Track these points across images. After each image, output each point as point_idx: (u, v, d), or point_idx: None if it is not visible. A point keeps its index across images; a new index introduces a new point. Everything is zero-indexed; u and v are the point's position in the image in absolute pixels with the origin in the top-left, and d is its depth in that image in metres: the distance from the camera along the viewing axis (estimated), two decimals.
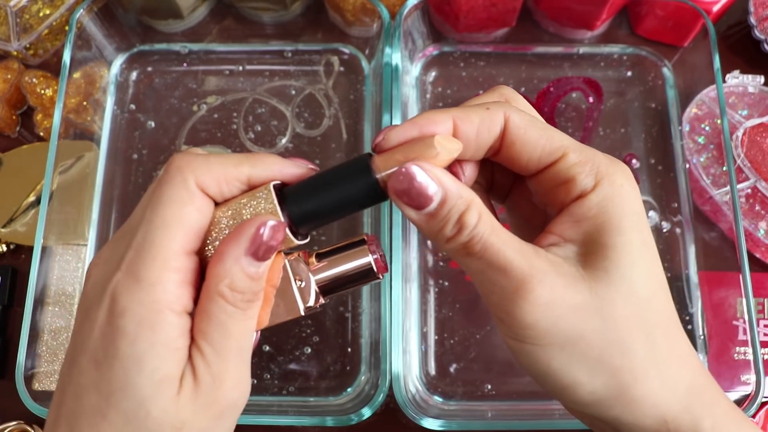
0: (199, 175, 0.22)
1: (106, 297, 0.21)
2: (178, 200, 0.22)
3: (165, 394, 0.21)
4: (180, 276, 0.22)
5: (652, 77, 0.54)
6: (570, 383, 0.22)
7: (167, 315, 0.21)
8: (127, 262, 0.21)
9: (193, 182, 0.22)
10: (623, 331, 0.22)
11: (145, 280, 0.21)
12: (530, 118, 0.23)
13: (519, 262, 0.21)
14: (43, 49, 0.55)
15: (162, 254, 0.21)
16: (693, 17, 0.50)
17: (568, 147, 0.23)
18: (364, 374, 0.45)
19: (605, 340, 0.22)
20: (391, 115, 0.46)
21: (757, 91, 0.52)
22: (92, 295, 0.22)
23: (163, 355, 0.21)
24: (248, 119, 0.52)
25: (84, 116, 0.50)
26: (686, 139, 0.51)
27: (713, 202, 0.48)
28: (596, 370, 0.22)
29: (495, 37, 0.54)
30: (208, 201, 0.23)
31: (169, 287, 0.21)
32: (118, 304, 0.21)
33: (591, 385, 0.22)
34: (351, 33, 0.54)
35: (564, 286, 0.21)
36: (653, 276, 0.23)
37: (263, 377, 0.46)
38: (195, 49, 0.54)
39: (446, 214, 0.22)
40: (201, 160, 0.23)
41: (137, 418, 0.21)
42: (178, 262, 0.22)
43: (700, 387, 0.23)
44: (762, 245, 0.49)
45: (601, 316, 0.22)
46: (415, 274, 0.48)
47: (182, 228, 0.22)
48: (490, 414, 0.44)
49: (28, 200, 0.50)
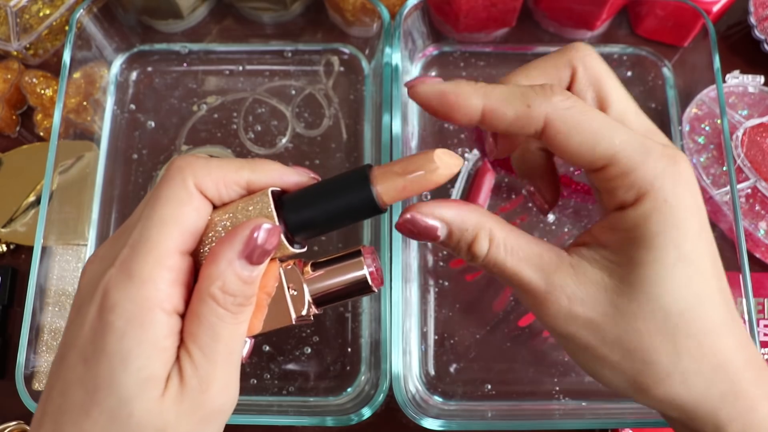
0: (198, 177, 0.22)
1: (98, 293, 0.21)
2: (176, 200, 0.22)
3: (149, 394, 0.21)
4: (173, 275, 0.22)
5: (652, 77, 0.54)
6: (595, 376, 0.24)
7: (157, 313, 0.21)
8: (121, 259, 0.21)
9: (193, 183, 0.22)
10: (645, 341, 0.22)
11: (137, 277, 0.21)
12: (576, 121, 0.22)
13: (536, 282, 0.23)
14: (43, 49, 0.55)
15: (156, 252, 0.21)
16: (693, 17, 0.50)
17: (612, 156, 0.22)
18: (364, 374, 0.45)
19: (624, 348, 0.22)
20: (391, 115, 0.46)
21: (757, 91, 0.52)
22: (85, 292, 0.22)
23: (149, 354, 0.21)
24: (248, 119, 0.52)
25: (84, 116, 0.50)
26: (686, 139, 0.51)
27: (713, 202, 0.48)
28: (617, 373, 0.23)
29: (495, 37, 0.54)
30: (207, 203, 0.23)
31: (161, 285, 0.21)
32: (109, 300, 0.21)
33: (614, 383, 0.23)
34: (351, 33, 0.54)
35: (582, 302, 0.22)
36: (691, 289, 0.22)
37: (263, 377, 0.46)
38: (195, 49, 0.54)
39: (456, 244, 0.23)
40: (202, 163, 0.23)
41: (120, 417, 0.21)
42: (172, 261, 0.22)
43: (739, 393, 0.23)
44: (762, 245, 0.49)
45: (620, 327, 0.22)
46: (415, 274, 0.48)
47: (178, 227, 0.22)
48: (490, 414, 0.44)
49: (28, 200, 0.50)
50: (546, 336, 0.46)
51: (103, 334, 0.21)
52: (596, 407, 0.45)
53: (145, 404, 0.21)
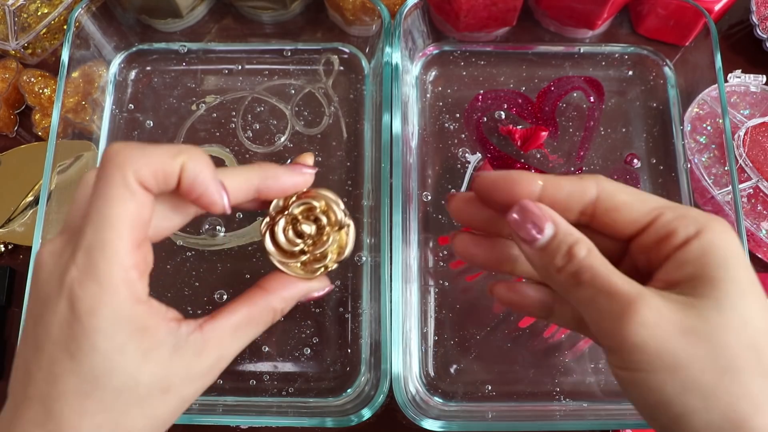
0: (138, 171, 0.23)
1: (63, 291, 0.22)
2: (121, 199, 0.22)
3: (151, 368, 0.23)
4: (137, 271, 0.23)
5: (654, 76, 0.54)
6: (684, 411, 0.21)
7: (137, 308, 0.23)
8: (82, 263, 0.22)
9: (133, 179, 0.23)
10: (738, 359, 0.21)
11: (107, 283, 0.22)
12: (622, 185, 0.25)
13: (627, 287, 0.22)
14: (42, 48, 0.55)
15: (117, 257, 0.22)
16: (694, 16, 0.50)
17: (664, 206, 0.24)
18: (364, 375, 0.45)
19: (719, 366, 0.21)
20: (391, 115, 0.46)
21: (759, 91, 0.52)
22: (48, 287, 0.23)
23: (142, 339, 0.23)
24: (247, 118, 0.52)
25: (82, 116, 0.50)
26: (687, 139, 0.50)
27: (715, 202, 0.48)
28: (712, 398, 0.21)
29: (495, 36, 0.54)
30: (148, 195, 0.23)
31: (132, 286, 0.23)
32: (82, 304, 0.22)
33: (707, 413, 0.21)
34: (351, 32, 0.54)
35: (671, 310, 0.22)
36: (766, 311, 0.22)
37: (262, 378, 0.45)
38: (194, 48, 0.54)
39: (557, 245, 0.24)
40: (138, 154, 0.23)
41: (126, 391, 0.23)
42: (132, 260, 0.23)
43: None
44: (764, 245, 0.49)
45: (712, 341, 0.21)
46: (415, 274, 0.47)
47: (127, 226, 0.23)
48: (490, 415, 0.44)
49: (26, 200, 0.50)
50: (546, 337, 0.46)
51: (88, 335, 0.22)
52: (597, 408, 0.45)
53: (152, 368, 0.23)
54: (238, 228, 0.48)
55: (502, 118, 0.52)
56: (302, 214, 0.28)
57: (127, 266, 0.23)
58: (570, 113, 0.52)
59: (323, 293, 0.29)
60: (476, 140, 0.51)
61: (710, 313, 0.22)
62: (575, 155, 0.50)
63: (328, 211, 0.28)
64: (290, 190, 0.28)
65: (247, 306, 0.26)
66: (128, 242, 0.23)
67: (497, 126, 0.51)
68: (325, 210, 0.28)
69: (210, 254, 0.48)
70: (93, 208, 0.23)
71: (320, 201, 0.28)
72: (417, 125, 0.52)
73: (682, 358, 0.21)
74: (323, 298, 0.29)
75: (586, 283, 0.23)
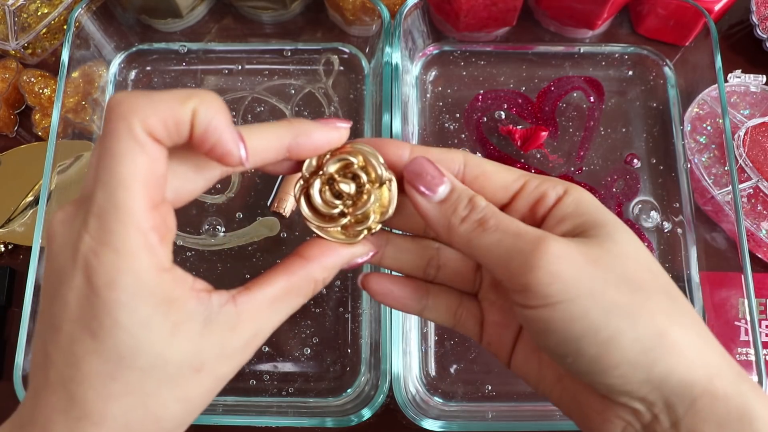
0: (146, 120, 0.20)
1: (78, 263, 0.20)
2: (130, 154, 0.20)
3: (180, 345, 0.21)
4: (157, 236, 0.21)
5: (654, 76, 0.54)
6: (612, 334, 0.22)
7: (161, 276, 0.20)
8: (95, 229, 0.20)
9: (141, 130, 0.20)
10: (642, 281, 0.23)
11: (124, 251, 0.20)
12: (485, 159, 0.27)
13: (532, 229, 0.23)
14: (42, 48, 0.55)
15: (132, 220, 0.20)
16: (694, 16, 0.50)
17: (527, 175, 0.26)
18: (364, 375, 0.45)
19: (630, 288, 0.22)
20: (391, 115, 0.46)
21: (759, 91, 0.52)
22: (62, 259, 0.21)
23: (169, 311, 0.21)
24: (247, 118, 0.52)
25: (82, 116, 0.50)
26: (687, 139, 0.50)
27: (715, 202, 0.48)
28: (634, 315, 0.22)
29: (495, 36, 0.54)
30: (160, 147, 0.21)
31: (154, 251, 0.21)
32: (100, 276, 0.20)
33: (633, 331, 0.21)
34: (351, 32, 0.54)
35: (577, 243, 0.23)
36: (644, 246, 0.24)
37: (263, 378, 0.45)
38: (194, 48, 0.54)
39: (458, 197, 0.24)
40: (145, 102, 0.21)
41: (156, 367, 0.21)
42: (150, 223, 0.20)
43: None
44: (764, 245, 0.49)
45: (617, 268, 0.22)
46: None
47: (140, 185, 0.20)
48: (490, 415, 0.44)
49: (27, 200, 0.50)
50: None
51: (109, 310, 0.20)
52: None
53: (182, 344, 0.21)
54: (238, 228, 0.48)
55: (502, 118, 0.52)
56: (338, 172, 0.26)
57: (144, 229, 0.20)
58: (570, 113, 0.52)
59: (368, 258, 0.27)
60: (476, 140, 0.51)
61: (608, 245, 0.23)
62: (575, 155, 0.50)
63: (366, 167, 0.25)
64: (324, 148, 0.25)
65: (285, 276, 0.24)
66: (143, 202, 0.20)
67: (497, 126, 0.51)
68: (363, 165, 0.25)
69: (210, 254, 0.48)
70: (100, 167, 0.20)
71: (357, 156, 0.25)
72: (417, 125, 0.52)
73: (598, 283, 0.22)
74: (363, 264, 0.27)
75: (492, 228, 0.24)
